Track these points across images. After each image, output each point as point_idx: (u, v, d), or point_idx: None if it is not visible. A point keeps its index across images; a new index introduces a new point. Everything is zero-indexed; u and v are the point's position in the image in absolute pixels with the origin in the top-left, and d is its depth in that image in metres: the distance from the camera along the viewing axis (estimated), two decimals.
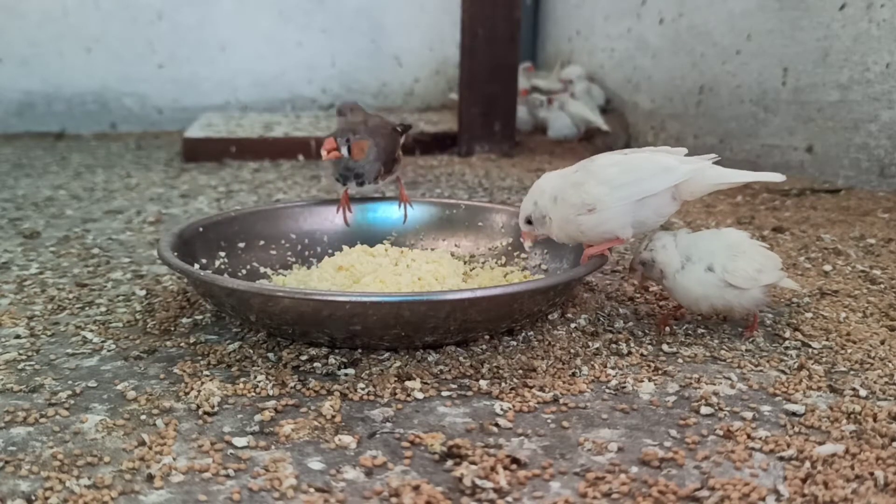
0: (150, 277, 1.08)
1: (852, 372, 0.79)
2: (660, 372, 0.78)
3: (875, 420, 0.68)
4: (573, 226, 0.87)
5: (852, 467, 0.61)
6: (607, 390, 0.75)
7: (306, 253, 1.08)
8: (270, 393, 0.73)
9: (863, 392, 0.74)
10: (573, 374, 0.77)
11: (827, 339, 0.86)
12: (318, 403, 0.71)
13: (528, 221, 0.91)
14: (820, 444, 0.64)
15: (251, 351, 0.82)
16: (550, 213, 0.88)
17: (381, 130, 1.08)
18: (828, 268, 1.11)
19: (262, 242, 1.05)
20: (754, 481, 0.59)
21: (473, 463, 0.61)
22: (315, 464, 0.62)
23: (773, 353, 0.83)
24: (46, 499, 0.57)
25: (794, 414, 0.70)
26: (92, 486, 0.58)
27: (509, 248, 1.07)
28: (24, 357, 0.82)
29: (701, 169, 0.83)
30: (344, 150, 1.02)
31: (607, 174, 0.85)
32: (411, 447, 0.64)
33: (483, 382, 0.75)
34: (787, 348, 0.84)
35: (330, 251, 1.06)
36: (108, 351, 0.84)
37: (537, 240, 0.93)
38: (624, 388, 0.75)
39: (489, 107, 2.03)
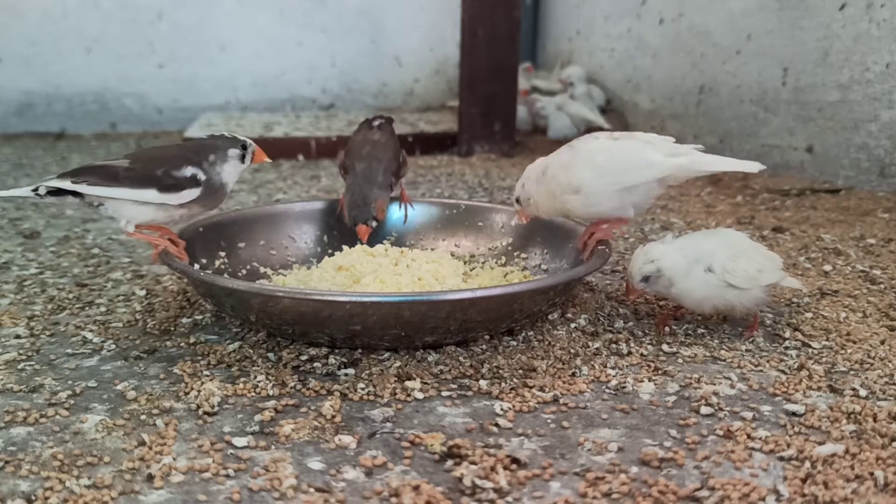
0: (150, 277, 1.08)
1: (852, 372, 0.79)
2: (660, 372, 0.78)
3: (875, 420, 0.68)
4: (559, 203, 0.92)
5: (852, 467, 0.61)
6: (607, 390, 0.75)
7: (306, 253, 1.08)
8: (270, 393, 0.73)
9: (863, 392, 0.74)
10: (573, 374, 0.77)
11: (827, 339, 0.86)
12: (318, 403, 0.71)
13: (518, 201, 0.98)
14: (820, 444, 0.64)
15: (251, 351, 0.82)
16: (534, 193, 0.94)
17: (381, 142, 1.08)
18: (828, 268, 1.11)
19: (262, 242, 1.05)
20: (754, 481, 0.59)
21: (473, 463, 0.61)
22: (315, 464, 0.62)
23: (773, 353, 0.83)
24: (46, 499, 0.57)
25: (794, 414, 0.70)
26: (92, 486, 0.58)
27: (509, 248, 1.07)
28: (24, 357, 0.82)
29: (684, 165, 0.87)
30: (374, 224, 1.04)
31: (595, 161, 0.89)
32: (411, 447, 0.64)
33: (483, 382, 0.75)
34: (787, 348, 0.84)
35: (330, 251, 1.06)
36: (108, 351, 0.84)
37: (529, 218, 0.99)
38: (624, 388, 0.75)
39: (489, 107, 2.03)
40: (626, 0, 2.33)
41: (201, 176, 0.88)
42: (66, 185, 0.85)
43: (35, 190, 0.86)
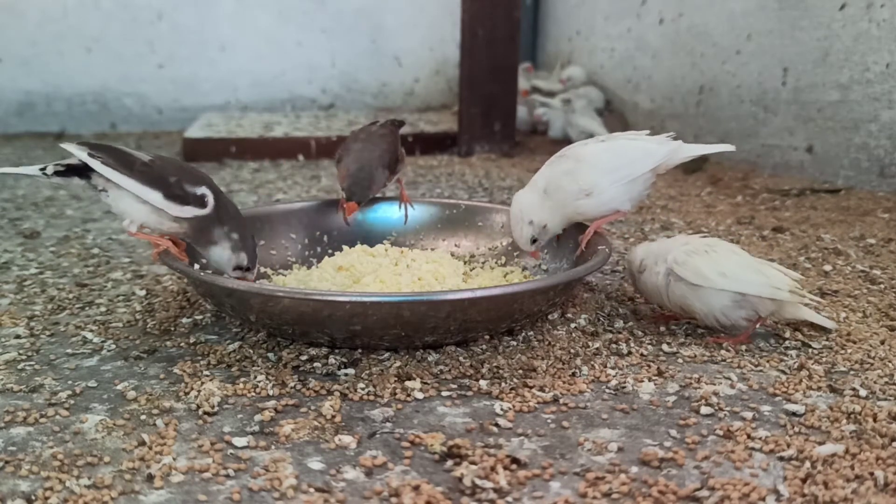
0: (150, 277, 1.08)
1: (852, 372, 0.79)
2: (660, 372, 0.78)
3: (875, 420, 0.68)
4: (571, 210, 0.94)
5: (852, 467, 0.61)
6: (607, 390, 0.75)
7: (306, 253, 1.08)
8: (270, 393, 0.73)
9: (863, 392, 0.74)
10: (573, 374, 0.77)
11: (827, 339, 0.86)
12: (318, 403, 0.71)
13: (534, 241, 0.96)
14: (820, 444, 0.64)
15: (251, 351, 0.82)
16: (545, 218, 0.95)
17: (379, 133, 1.08)
18: (828, 268, 1.11)
19: (262, 242, 1.05)
20: (754, 481, 0.59)
21: (473, 463, 0.61)
22: (315, 464, 0.62)
23: (773, 353, 0.83)
24: (46, 499, 0.57)
25: (794, 414, 0.70)
26: (92, 486, 0.58)
27: (509, 248, 1.07)
28: (24, 357, 0.82)
29: (675, 149, 0.93)
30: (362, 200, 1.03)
31: (599, 161, 0.93)
32: (411, 447, 0.64)
33: (483, 382, 0.75)
34: (787, 348, 0.84)
35: (330, 251, 1.06)
36: (108, 351, 0.84)
37: (542, 249, 1.00)
38: (624, 388, 0.75)
39: (489, 107, 2.03)
40: (626, 0, 2.33)
41: (209, 201, 0.86)
42: (83, 154, 0.84)
43: (43, 169, 0.85)
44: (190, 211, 0.86)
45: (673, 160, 0.94)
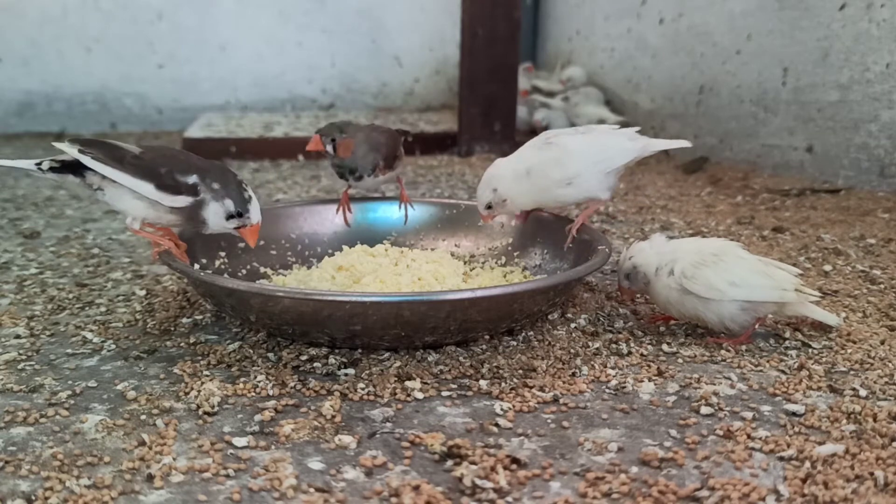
0: (150, 277, 1.08)
1: (852, 372, 0.79)
2: (660, 372, 0.78)
3: (875, 420, 0.68)
4: (550, 196, 0.99)
5: (852, 467, 0.61)
6: (607, 390, 0.75)
7: (306, 253, 1.08)
8: (270, 393, 0.73)
9: (863, 392, 0.74)
10: (573, 374, 0.77)
11: (827, 339, 0.86)
12: (318, 403, 0.71)
13: (489, 207, 1.00)
14: (820, 444, 0.64)
15: (251, 351, 0.82)
16: (513, 194, 0.98)
17: (380, 128, 1.09)
18: (828, 268, 1.11)
19: (261, 242, 1.04)
20: (754, 481, 0.59)
21: (473, 463, 0.61)
22: (315, 464, 0.62)
23: (773, 353, 0.83)
24: (46, 499, 0.57)
25: (794, 414, 0.70)
26: (92, 486, 0.58)
27: (509, 248, 1.07)
28: (24, 357, 0.82)
29: (646, 145, 0.99)
30: (329, 148, 1.04)
31: (587, 153, 0.98)
32: (411, 447, 0.64)
33: (483, 382, 0.75)
34: (787, 348, 0.84)
35: (330, 251, 1.06)
36: (108, 351, 0.84)
37: (494, 217, 1.03)
38: (624, 388, 0.75)
39: (489, 107, 2.03)
40: (626, 0, 2.33)
41: (202, 189, 0.85)
42: (74, 151, 0.83)
43: (39, 164, 0.85)
44: (182, 200, 0.85)
45: (643, 155, 1.00)
